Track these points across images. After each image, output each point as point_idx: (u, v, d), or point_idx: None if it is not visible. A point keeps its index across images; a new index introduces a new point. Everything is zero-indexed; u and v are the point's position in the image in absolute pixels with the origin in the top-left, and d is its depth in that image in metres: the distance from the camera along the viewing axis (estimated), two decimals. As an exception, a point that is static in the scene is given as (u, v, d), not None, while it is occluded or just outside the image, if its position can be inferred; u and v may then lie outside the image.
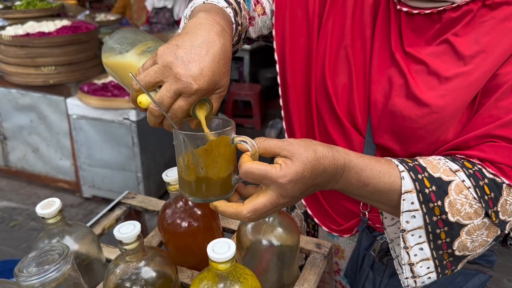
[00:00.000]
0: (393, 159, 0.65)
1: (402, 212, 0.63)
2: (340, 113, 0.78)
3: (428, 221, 0.62)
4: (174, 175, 0.76)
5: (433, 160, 0.65)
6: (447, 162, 0.65)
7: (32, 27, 2.92)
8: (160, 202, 1.00)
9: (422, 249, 0.65)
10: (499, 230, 0.65)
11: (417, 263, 0.65)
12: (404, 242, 0.65)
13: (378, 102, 0.75)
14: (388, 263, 0.84)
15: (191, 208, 0.78)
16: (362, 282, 0.89)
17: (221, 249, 0.59)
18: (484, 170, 0.64)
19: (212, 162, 0.58)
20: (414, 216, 0.63)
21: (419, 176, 0.62)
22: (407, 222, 0.63)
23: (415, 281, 0.67)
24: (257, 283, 0.63)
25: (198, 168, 0.58)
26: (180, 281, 0.76)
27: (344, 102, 0.78)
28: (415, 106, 0.70)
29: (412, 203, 0.62)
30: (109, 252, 0.85)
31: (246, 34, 0.85)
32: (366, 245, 0.87)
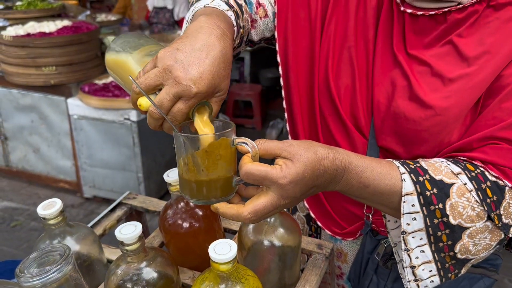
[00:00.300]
0: (395, 161, 0.65)
1: (403, 214, 0.63)
2: (344, 115, 0.78)
3: (429, 224, 0.62)
4: (175, 176, 0.76)
5: (435, 163, 0.65)
6: (449, 165, 0.65)
7: (33, 27, 2.92)
8: (161, 203, 1.00)
9: (424, 252, 0.64)
10: (503, 234, 0.64)
11: (419, 266, 0.65)
12: (405, 244, 0.65)
13: (381, 104, 0.74)
14: (393, 267, 0.83)
15: (193, 209, 0.78)
16: (366, 286, 0.88)
17: (223, 250, 0.59)
18: (487, 173, 0.64)
19: (213, 164, 0.58)
20: (415, 218, 0.62)
21: (420, 179, 0.62)
22: (408, 224, 0.63)
23: (418, 285, 0.66)
24: (259, 284, 0.63)
25: (199, 170, 0.58)
26: (182, 282, 0.75)
27: (347, 104, 0.78)
28: (419, 108, 0.69)
29: (413, 205, 0.62)
30: (110, 253, 0.85)
31: (248, 37, 0.84)
32: (370, 249, 0.86)
